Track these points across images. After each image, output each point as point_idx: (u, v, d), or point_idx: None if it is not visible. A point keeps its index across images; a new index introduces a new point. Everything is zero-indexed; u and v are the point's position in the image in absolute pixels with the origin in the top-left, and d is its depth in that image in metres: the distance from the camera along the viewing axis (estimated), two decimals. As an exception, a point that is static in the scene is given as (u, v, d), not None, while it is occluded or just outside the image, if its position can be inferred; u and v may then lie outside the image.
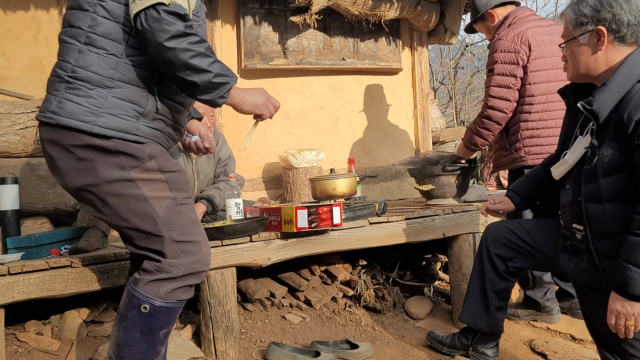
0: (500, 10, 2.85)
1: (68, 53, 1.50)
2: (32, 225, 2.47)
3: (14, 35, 2.84)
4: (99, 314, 2.24)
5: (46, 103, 1.52)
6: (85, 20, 1.48)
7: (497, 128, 2.74)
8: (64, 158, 1.51)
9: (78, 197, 1.58)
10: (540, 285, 2.84)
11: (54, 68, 1.55)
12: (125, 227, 1.54)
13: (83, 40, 1.49)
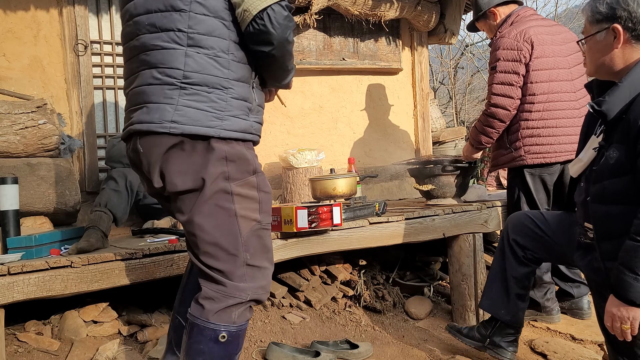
0: (502, 8, 2.85)
1: (173, 58, 1.44)
2: (32, 225, 2.47)
3: (14, 35, 2.84)
4: (99, 314, 2.24)
5: (158, 113, 1.44)
6: (182, 21, 1.43)
7: (501, 126, 2.73)
8: (177, 162, 1.45)
9: (167, 200, 1.54)
10: (540, 285, 2.84)
11: (154, 76, 1.46)
12: (204, 239, 1.48)
13: (186, 42, 1.44)
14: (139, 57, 1.49)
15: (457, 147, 4.88)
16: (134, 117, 1.49)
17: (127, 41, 1.55)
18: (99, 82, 3.12)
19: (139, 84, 1.49)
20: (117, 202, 2.50)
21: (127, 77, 1.56)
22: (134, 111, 1.50)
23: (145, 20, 1.47)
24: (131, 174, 2.61)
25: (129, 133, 1.51)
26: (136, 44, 1.49)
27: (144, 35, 1.47)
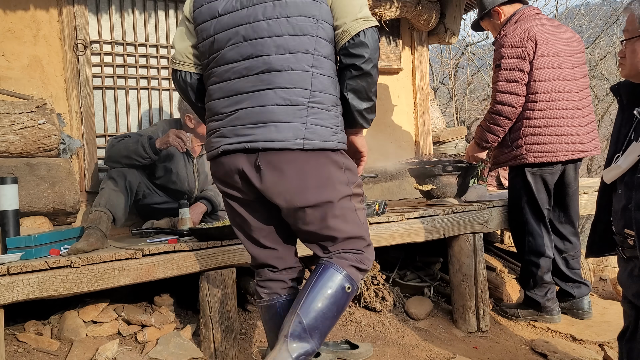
0: (506, 8, 2.85)
1: (302, 79, 1.60)
2: (32, 225, 2.47)
3: (14, 35, 2.83)
4: (98, 314, 2.24)
5: (291, 131, 1.59)
6: (311, 44, 1.60)
7: (507, 123, 2.71)
8: (307, 177, 1.62)
9: (296, 212, 1.67)
10: (540, 285, 2.83)
11: (282, 97, 1.60)
12: (340, 236, 1.68)
13: (311, 64, 1.61)
14: (258, 77, 1.61)
15: (457, 147, 4.87)
16: (258, 135, 1.60)
17: (233, 61, 1.65)
18: (99, 81, 3.12)
19: (261, 103, 1.61)
20: (116, 202, 2.49)
21: (228, 96, 1.66)
22: (251, 129, 1.61)
23: (270, 43, 1.59)
24: (130, 174, 2.61)
25: (243, 149, 1.63)
26: (255, 64, 1.61)
27: (269, 57, 1.59)
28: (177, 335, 2.22)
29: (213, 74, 1.71)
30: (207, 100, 1.76)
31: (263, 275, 1.85)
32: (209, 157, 1.75)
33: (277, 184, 1.63)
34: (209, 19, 1.68)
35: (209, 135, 1.75)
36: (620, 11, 11.34)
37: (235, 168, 1.66)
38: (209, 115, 1.75)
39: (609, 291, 3.57)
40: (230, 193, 1.75)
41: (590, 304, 2.98)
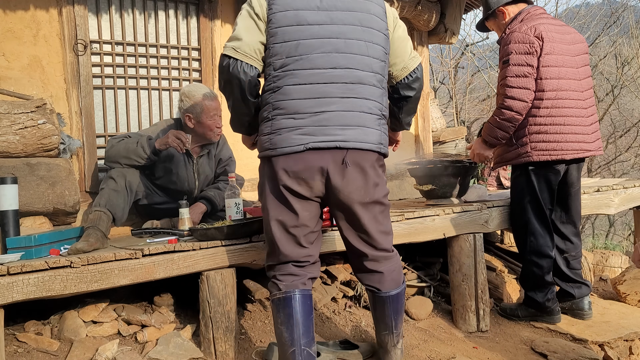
0: (511, 7, 2.85)
1: (379, 96, 1.93)
2: (32, 225, 2.47)
3: (14, 35, 2.84)
4: (98, 314, 2.24)
5: (374, 136, 1.90)
6: (384, 69, 1.96)
7: (518, 119, 2.68)
8: (378, 176, 1.94)
9: (365, 206, 1.93)
10: (541, 285, 2.83)
11: (368, 106, 1.89)
12: (379, 230, 1.97)
13: (383, 85, 1.96)
14: (347, 86, 1.85)
15: (457, 147, 4.87)
16: (348, 136, 1.84)
17: (322, 67, 1.83)
18: (99, 81, 3.12)
19: (349, 109, 1.85)
20: (116, 202, 2.49)
21: (313, 97, 1.82)
22: (342, 130, 1.83)
23: (360, 60, 1.87)
24: (130, 174, 2.61)
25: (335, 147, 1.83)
26: (345, 74, 1.84)
27: (359, 71, 1.87)
28: (177, 335, 2.22)
29: (294, 75, 1.81)
30: (278, 98, 1.84)
31: (284, 270, 1.94)
32: (284, 152, 1.82)
33: (356, 180, 1.87)
34: (295, 24, 1.81)
35: (281, 131, 1.83)
36: (620, 11, 11.34)
37: (320, 164, 1.83)
38: (280, 113, 1.83)
39: (609, 291, 3.57)
40: (295, 189, 1.85)
41: (590, 304, 2.98)
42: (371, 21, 1.89)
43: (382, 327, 2.14)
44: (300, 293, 1.91)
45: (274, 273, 1.96)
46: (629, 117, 11.71)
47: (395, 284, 2.06)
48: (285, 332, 1.89)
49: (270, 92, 1.85)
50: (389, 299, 2.06)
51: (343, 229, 2.00)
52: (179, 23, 3.39)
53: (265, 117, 1.87)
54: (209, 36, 3.45)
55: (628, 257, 4.35)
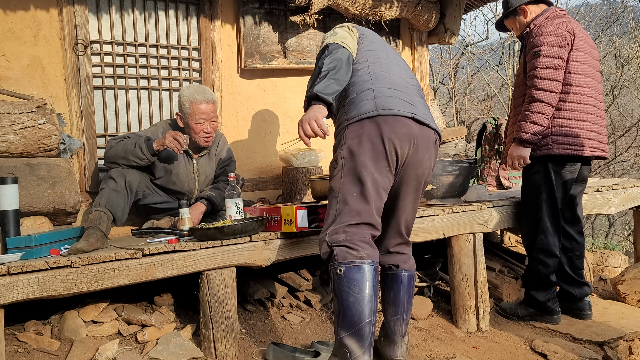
0: (533, 7, 2.87)
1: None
2: (32, 225, 2.47)
3: (14, 35, 2.84)
4: (98, 314, 2.24)
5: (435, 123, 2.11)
6: None
7: (550, 110, 2.65)
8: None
9: (421, 187, 2.13)
10: (544, 285, 2.83)
11: (417, 88, 2.19)
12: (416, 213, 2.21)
13: None
14: (405, 81, 2.15)
15: (457, 147, 4.87)
16: (429, 118, 2.08)
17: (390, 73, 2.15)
18: (99, 82, 3.12)
19: (419, 96, 2.15)
20: (116, 202, 2.49)
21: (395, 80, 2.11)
22: (423, 112, 2.07)
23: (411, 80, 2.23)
24: (130, 174, 2.61)
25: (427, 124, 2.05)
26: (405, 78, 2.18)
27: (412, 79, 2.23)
28: (177, 335, 2.22)
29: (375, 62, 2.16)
30: (376, 70, 2.11)
31: (363, 236, 1.93)
32: (393, 113, 1.96)
33: (432, 158, 2.10)
34: (377, 42, 2.27)
35: (386, 97, 2.00)
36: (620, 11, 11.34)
37: (416, 134, 2.01)
38: (380, 82, 2.06)
39: (609, 291, 3.58)
40: (397, 150, 1.96)
41: (590, 304, 2.98)
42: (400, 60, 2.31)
43: (393, 311, 2.17)
44: (377, 265, 1.94)
45: (352, 237, 1.90)
46: (629, 117, 11.72)
47: (411, 268, 2.20)
48: (363, 302, 1.83)
49: (367, 73, 2.09)
50: (407, 278, 2.16)
51: (398, 205, 2.11)
52: (179, 23, 3.40)
53: (366, 87, 2.03)
54: (209, 36, 3.45)
55: (628, 257, 4.36)
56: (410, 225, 2.20)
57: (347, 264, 1.86)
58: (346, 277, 1.85)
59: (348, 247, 1.88)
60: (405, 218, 2.15)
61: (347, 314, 1.84)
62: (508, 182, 3.99)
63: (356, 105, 2.00)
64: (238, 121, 3.58)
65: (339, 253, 1.88)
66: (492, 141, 4.10)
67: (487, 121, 4.19)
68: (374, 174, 1.94)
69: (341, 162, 1.98)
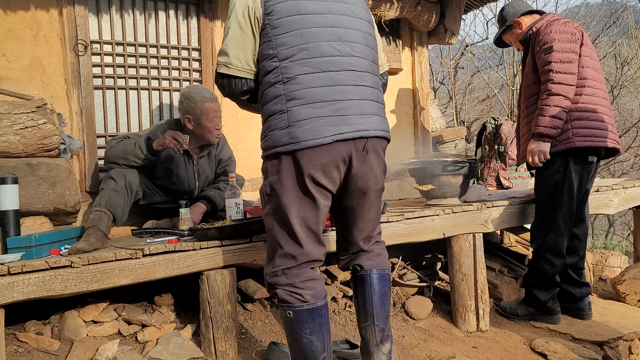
0: (526, 19, 2.91)
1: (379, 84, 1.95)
2: (32, 225, 2.47)
3: (14, 35, 2.84)
4: (99, 314, 2.24)
5: (385, 124, 1.92)
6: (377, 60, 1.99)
7: (567, 104, 2.65)
8: (384, 163, 1.94)
9: (377, 193, 1.95)
10: (548, 284, 2.84)
11: (375, 93, 1.90)
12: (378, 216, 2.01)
13: (378, 74, 1.97)
14: (356, 73, 1.83)
15: (457, 147, 4.87)
16: (369, 124, 1.82)
17: (331, 55, 1.80)
18: (99, 82, 3.12)
19: (361, 97, 1.83)
20: (116, 202, 2.50)
21: (329, 85, 1.78)
22: (361, 118, 1.81)
23: (360, 49, 1.86)
24: (130, 174, 2.61)
25: (359, 137, 1.80)
26: (354, 61, 1.83)
27: (362, 59, 1.86)
28: (177, 335, 2.22)
29: (305, 64, 1.77)
30: (292, 88, 1.76)
31: (303, 275, 1.83)
32: (309, 145, 1.73)
33: (374, 167, 1.87)
34: (296, 14, 1.79)
35: (302, 123, 1.74)
36: (619, 11, 11.35)
37: (345, 154, 1.78)
38: (297, 103, 1.75)
39: (609, 291, 3.58)
40: (322, 182, 1.78)
41: (590, 304, 2.98)
42: (362, 14, 1.92)
43: (362, 316, 1.96)
44: (324, 301, 1.84)
45: (292, 280, 1.81)
46: (629, 117, 11.72)
47: (381, 266, 1.99)
48: (317, 340, 1.81)
49: (280, 84, 1.77)
50: (375, 278, 1.95)
51: (349, 220, 1.95)
52: (179, 23, 3.40)
53: (279, 109, 1.77)
54: (209, 36, 3.45)
55: (628, 257, 4.36)
56: (372, 231, 2.01)
57: (294, 308, 1.81)
58: (296, 320, 1.81)
59: (291, 292, 1.81)
60: (361, 229, 1.97)
61: (302, 354, 1.84)
62: (508, 182, 3.99)
63: (270, 133, 1.81)
64: (238, 121, 3.58)
65: (283, 297, 1.82)
66: (492, 141, 4.10)
67: (487, 121, 4.20)
68: (301, 214, 1.79)
69: (266, 197, 1.87)
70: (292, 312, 1.81)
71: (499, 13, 3.08)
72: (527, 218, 3.13)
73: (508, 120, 4.11)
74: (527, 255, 3.80)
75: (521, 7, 2.95)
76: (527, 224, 3.33)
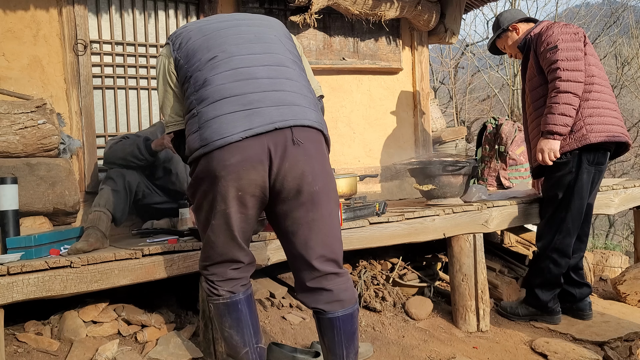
0: (523, 25, 2.93)
1: (303, 77, 1.78)
2: (32, 225, 2.46)
3: (14, 35, 2.83)
4: (98, 314, 2.24)
5: (313, 114, 1.70)
6: (299, 59, 1.85)
7: (576, 101, 2.63)
8: (324, 160, 1.72)
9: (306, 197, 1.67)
10: (552, 284, 2.83)
11: (295, 85, 1.72)
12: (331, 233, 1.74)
13: (300, 68, 1.82)
14: (272, 68, 1.70)
15: (457, 147, 4.87)
16: (286, 115, 1.63)
17: (239, 54, 1.70)
18: (99, 81, 3.12)
19: (278, 88, 1.66)
20: (116, 202, 2.49)
21: (238, 80, 1.65)
22: (276, 109, 1.63)
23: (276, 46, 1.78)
24: (130, 174, 2.61)
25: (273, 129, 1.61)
26: (268, 58, 1.72)
27: (279, 55, 1.75)
28: (177, 335, 2.22)
29: (213, 67, 1.68)
30: (201, 93, 1.67)
31: (221, 275, 1.81)
32: (217, 146, 1.59)
33: (300, 163, 1.63)
34: (200, 36, 1.75)
35: (210, 123, 1.62)
36: (620, 11, 11.34)
37: (260, 151, 1.60)
38: (205, 104, 1.65)
39: (609, 291, 3.57)
40: (239, 186, 1.63)
41: (590, 305, 2.98)
42: (278, 30, 1.84)
43: (330, 358, 1.83)
44: (244, 295, 1.83)
45: (212, 277, 1.82)
46: (629, 117, 11.72)
47: (347, 304, 1.76)
48: (236, 335, 1.83)
49: (193, 93, 1.69)
50: (342, 320, 1.75)
51: (287, 229, 1.72)
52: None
53: (191, 115, 1.68)
54: (209, 36, 3.44)
55: (628, 257, 4.36)
56: (324, 250, 1.71)
57: (213, 301, 1.84)
58: (217, 313, 1.85)
59: (210, 285, 1.83)
60: (304, 243, 1.70)
61: (228, 344, 1.87)
62: (508, 182, 3.99)
63: (188, 139, 1.71)
64: (238, 121, 3.58)
65: (205, 289, 1.86)
66: (493, 141, 4.10)
67: (487, 121, 4.19)
68: (215, 218, 1.70)
69: (190, 197, 1.80)
70: (212, 305, 1.86)
71: (494, 20, 3.09)
72: (528, 218, 3.13)
73: (508, 120, 4.10)
74: (527, 255, 3.80)
75: (518, 15, 2.99)
76: (527, 224, 3.33)
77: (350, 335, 1.79)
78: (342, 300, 1.75)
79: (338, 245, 1.76)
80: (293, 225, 1.70)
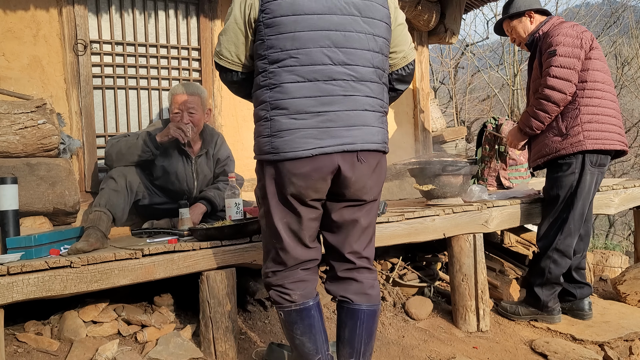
0: (538, 15, 2.92)
1: (380, 91, 1.82)
2: (32, 225, 2.47)
3: (14, 35, 2.83)
4: (98, 314, 2.24)
5: (379, 135, 1.80)
6: (384, 63, 1.84)
7: (555, 110, 2.67)
8: (378, 175, 1.84)
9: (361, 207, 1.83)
10: (552, 284, 2.83)
11: (369, 102, 1.77)
12: (371, 235, 1.89)
13: (384, 80, 1.85)
14: (349, 83, 1.73)
15: (457, 147, 4.87)
16: (355, 137, 1.73)
17: (322, 64, 1.71)
18: (99, 81, 3.12)
19: (352, 108, 1.73)
20: (116, 202, 2.49)
21: (315, 96, 1.70)
22: (347, 130, 1.73)
23: (361, 55, 1.75)
24: (130, 174, 2.61)
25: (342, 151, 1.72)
26: (346, 71, 1.73)
27: (359, 67, 1.75)
28: (177, 335, 2.22)
29: (292, 72, 1.69)
30: (276, 96, 1.71)
31: (293, 277, 1.84)
32: (287, 157, 1.69)
33: (364, 177, 1.77)
34: (291, 14, 1.68)
35: (283, 134, 1.69)
36: (620, 11, 11.34)
37: (329, 167, 1.71)
38: (280, 113, 1.70)
39: (609, 291, 3.57)
40: (304, 194, 1.73)
41: (590, 304, 2.98)
42: (372, 9, 1.76)
43: (347, 352, 1.86)
44: (314, 301, 1.85)
45: (281, 282, 1.83)
46: (629, 117, 11.72)
47: (373, 300, 1.87)
48: (308, 342, 1.82)
49: (267, 89, 1.72)
50: (366, 314, 1.84)
51: (333, 224, 1.84)
52: (179, 23, 3.39)
53: (263, 116, 1.73)
54: (209, 36, 3.44)
55: (628, 257, 4.36)
56: (361, 247, 1.87)
57: (284, 308, 1.84)
58: (287, 321, 1.85)
59: (280, 292, 1.84)
60: (345, 237, 1.85)
61: (299, 352, 1.87)
62: (508, 182, 3.99)
63: (257, 139, 1.78)
64: (238, 121, 3.57)
65: (274, 297, 1.86)
66: (493, 141, 4.10)
67: (487, 121, 4.19)
68: (284, 219, 1.79)
69: (260, 200, 1.85)
70: (283, 313, 1.85)
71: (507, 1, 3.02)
72: (528, 218, 3.13)
73: (509, 120, 4.10)
74: (527, 255, 3.80)
75: (534, 3, 2.94)
76: (527, 224, 3.33)
77: (371, 333, 1.87)
78: (369, 294, 1.86)
79: (372, 246, 1.91)
80: (340, 221, 1.83)
